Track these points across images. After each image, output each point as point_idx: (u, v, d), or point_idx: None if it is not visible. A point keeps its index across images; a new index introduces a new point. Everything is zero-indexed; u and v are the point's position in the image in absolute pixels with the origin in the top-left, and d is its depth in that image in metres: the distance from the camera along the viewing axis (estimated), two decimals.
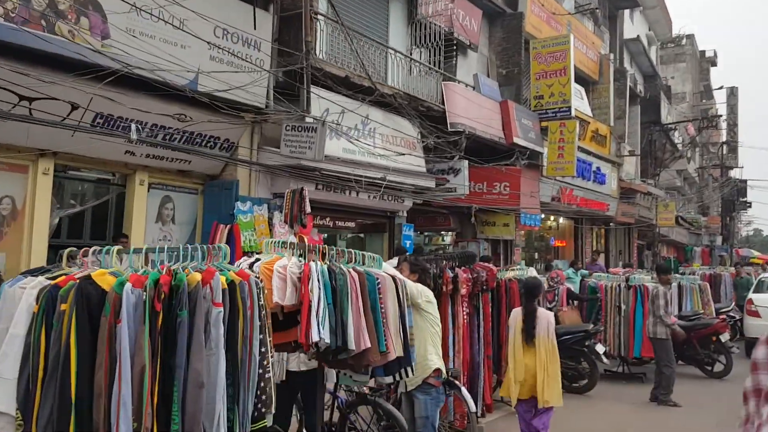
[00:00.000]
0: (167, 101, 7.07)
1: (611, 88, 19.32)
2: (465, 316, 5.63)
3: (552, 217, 19.11)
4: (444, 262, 5.89)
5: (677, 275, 12.93)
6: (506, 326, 6.37)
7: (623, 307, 9.31)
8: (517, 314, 5.42)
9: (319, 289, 3.28)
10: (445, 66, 12.63)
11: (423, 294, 4.36)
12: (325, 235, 13.99)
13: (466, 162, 11.57)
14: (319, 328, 3.18)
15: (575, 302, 10.14)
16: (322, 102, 8.70)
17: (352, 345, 3.28)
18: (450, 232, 15.18)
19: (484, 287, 5.79)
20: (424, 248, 16.41)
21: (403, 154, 10.06)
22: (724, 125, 45.95)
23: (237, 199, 8.21)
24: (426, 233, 16.44)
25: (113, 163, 7.49)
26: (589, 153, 17.12)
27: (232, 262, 7.51)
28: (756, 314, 11.29)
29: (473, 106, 12.03)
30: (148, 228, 7.90)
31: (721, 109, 51.02)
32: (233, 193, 8.26)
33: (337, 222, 10.38)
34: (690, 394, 8.64)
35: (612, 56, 19.75)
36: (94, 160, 7.30)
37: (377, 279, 3.72)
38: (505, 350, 6.48)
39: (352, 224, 10.78)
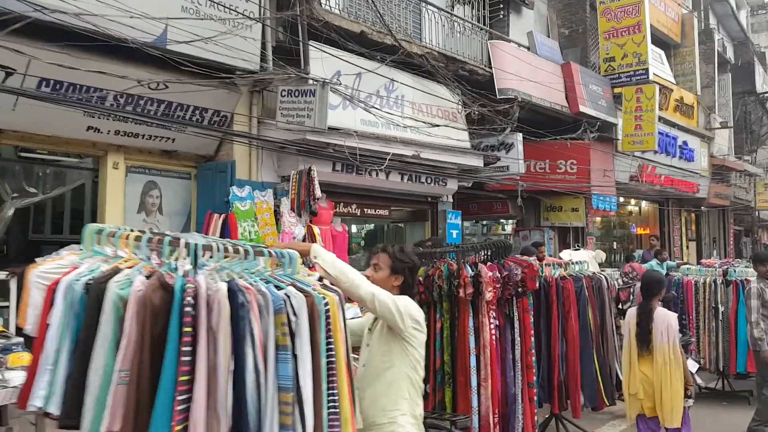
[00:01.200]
0: (133, 64, 5.78)
1: (696, 51, 16.77)
2: (493, 330, 3.96)
3: (633, 201, 16.83)
4: (464, 255, 4.25)
5: None
6: (557, 343, 4.70)
7: (721, 308, 7.28)
8: (631, 315, 4.79)
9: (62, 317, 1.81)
10: (495, 27, 10.85)
11: (410, 314, 2.58)
12: (355, 226, 12.60)
13: (520, 135, 9.76)
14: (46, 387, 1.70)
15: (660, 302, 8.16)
16: (331, 63, 7.19)
17: None
18: (510, 220, 13.35)
19: (520, 289, 4.11)
20: (482, 239, 14.67)
21: (437, 126, 8.39)
22: None
23: (233, 184, 6.84)
24: (484, 222, 14.67)
25: (77, 143, 6.27)
26: (673, 125, 14.77)
27: None
28: None
29: (528, 69, 10.19)
30: (128, 220, 6.65)
31: None
32: (228, 176, 6.89)
33: (365, 210, 8.84)
34: None
35: (696, 15, 17.16)
36: (51, 139, 6.09)
37: (325, 302, 2.13)
38: (557, 372, 4.77)
39: (384, 212, 9.21)
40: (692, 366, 5.94)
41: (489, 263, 4.17)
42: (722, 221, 21.22)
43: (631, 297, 7.28)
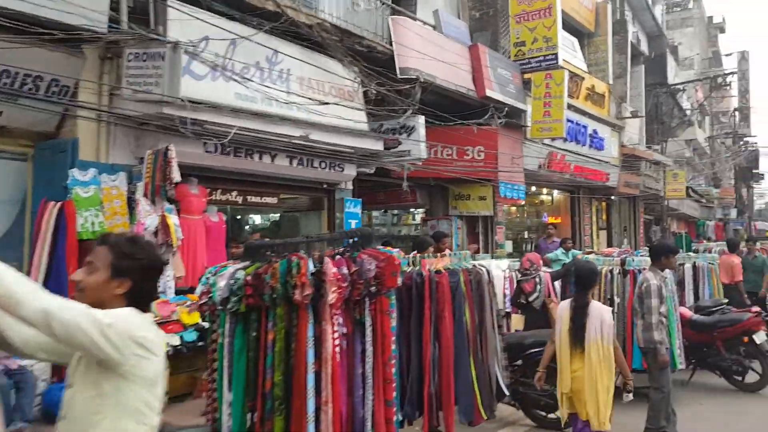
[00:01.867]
0: None
1: (609, 40, 16.74)
2: (337, 340, 3.25)
3: (545, 190, 16.69)
4: (311, 247, 3.51)
5: (690, 254, 10.49)
6: (429, 348, 4.08)
7: (617, 300, 6.90)
8: (564, 309, 4.60)
9: None
10: (403, 4, 10.18)
11: (130, 336, 1.76)
12: (260, 217, 11.67)
13: (422, 118, 9.14)
14: None
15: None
16: (198, 27, 6.27)
17: None
18: (420, 209, 12.81)
19: (374, 289, 3.41)
20: (392, 230, 14.09)
21: (328, 104, 7.63)
22: (735, 90, 43.16)
23: (74, 166, 5.84)
24: (394, 212, 14.08)
25: None
26: (583, 113, 14.62)
27: (55, 254, 5.14)
28: None
29: (433, 48, 9.57)
30: None
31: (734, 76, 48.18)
32: (68, 157, 5.89)
33: (249, 197, 7.98)
34: (714, 413, 6.32)
35: (610, 4, 17.13)
36: None
37: None
38: (428, 383, 4.15)
39: (272, 200, 8.38)
40: None
41: (338, 257, 3.45)
42: (633, 210, 21.57)
43: (538, 287, 6.78)
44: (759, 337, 6.86)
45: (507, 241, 14.25)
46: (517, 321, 7.05)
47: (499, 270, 7.72)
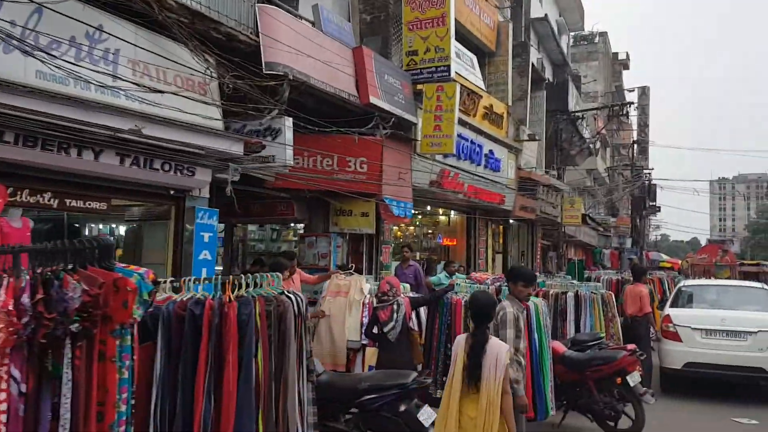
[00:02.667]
0: None
1: (509, 61, 16.51)
2: (3, 399, 2.16)
3: (441, 210, 16.09)
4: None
5: (575, 282, 10.04)
6: (200, 406, 3.04)
7: None
8: (459, 344, 4.28)
9: None
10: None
11: None
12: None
13: (289, 120, 8.14)
14: None
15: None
16: None
17: None
18: (297, 224, 11.78)
19: (78, 326, 2.35)
20: (271, 246, 12.96)
21: (160, 92, 6.49)
22: (635, 121, 45.23)
23: None
24: (275, 227, 12.96)
25: None
26: (480, 132, 14.15)
27: None
28: (675, 337, 8.47)
29: (309, 46, 8.63)
30: None
31: (633, 109, 50.60)
32: None
33: (67, 201, 6.64)
34: None
35: (512, 25, 16.94)
36: None
37: None
38: None
39: (99, 205, 7.04)
40: (428, 417, 4.57)
41: (27, 279, 2.34)
42: (531, 235, 21.50)
43: (395, 316, 5.87)
44: (633, 379, 6.27)
45: (395, 263, 13.45)
46: (372, 355, 6.12)
47: (362, 294, 6.81)
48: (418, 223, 16.85)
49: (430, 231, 16.27)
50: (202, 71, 7.23)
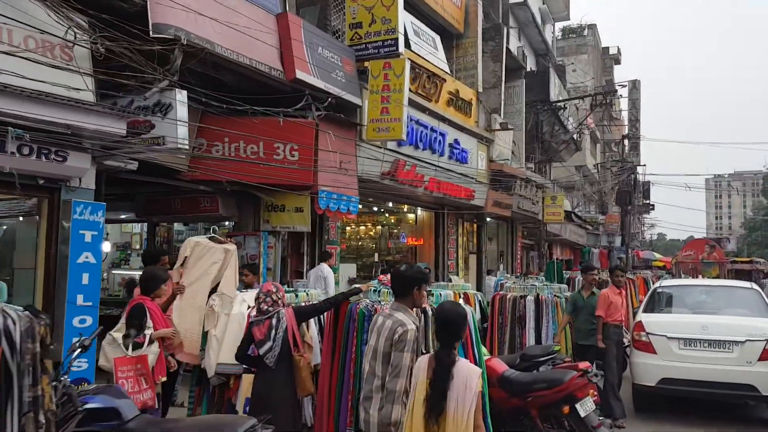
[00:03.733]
0: None
1: (479, 43, 15.20)
2: None
3: (406, 207, 14.78)
4: None
5: (536, 284, 8.72)
6: None
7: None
8: (421, 368, 3.40)
9: None
10: None
11: None
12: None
13: (183, 94, 6.80)
14: None
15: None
16: None
17: None
18: (224, 222, 10.45)
19: None
20: None
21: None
22: (626, 117, 43.93)
23: None
24: (207, 226, 11.57)
25: None
26: (443, 119, 12.82)
27: None
28: (649, 348, 7.11)
29: (216, 8, 7.31)
30: None
31: (623, 104, 49.34)
32: None
33: None
34: None
35: (481, 4, 15.63)
36: None
37: None
38: None
39: None
40: None
41: None
42: (510, 234, 20.20)
43: (272, 334, 4.53)
44: (584, 407, 4.95)
45: (349, 266, 12.14)
46: (250, 384, 4.77)
47: (245, 305, 5.48)
48: (384, 222, 15.57)
49: (394, 230, 14.94)
50: (61, 33, 5.90)
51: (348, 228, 15.03)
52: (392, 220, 15.24)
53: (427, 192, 12.38)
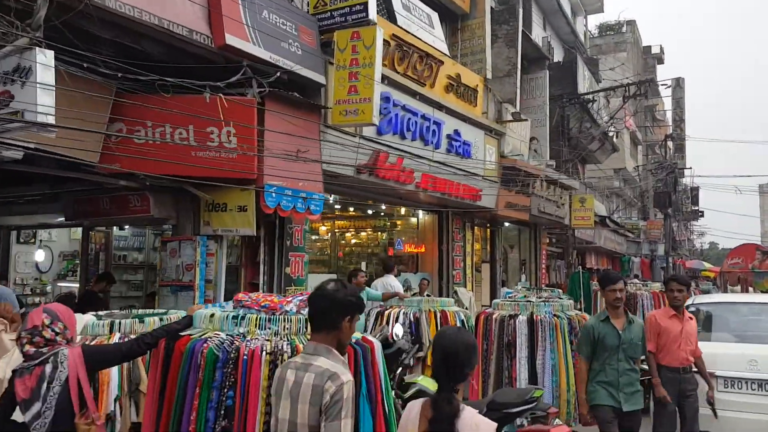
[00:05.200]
0: None
1: (487, 24, 13.40)
2: None
3: (403, 210, 13.07)
4: None
5: (533, 299, 6.84)
6: None
7: None
8: (411, 419, 2.57)
9: None
10: None
11: None
12: None
13: (48, 54, 5.23)
14: None
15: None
16: None
17: None
18: (158, 225, 8.92)
19: None
20: (152, 257, 10.16)
21: None
22: (669, 116, 41.19)
23: None
24: (155, 230, 10.13)
25: None
26: (440, 107, 11.07)
27: None
28: None
29: None
30: None
31: (668, 104, 46.41)
32: None
33: None
34: None
35: None
36: None
37: None
38: None
39: None
40: None
41: None
42: (534, 240, 18.18)
43: (43, 391, 2.89)
44: None
45: (320, 276, 10.45)
46: None
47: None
48: (380, 226, 13.86)
49: (391, 237, 13.22)
50: None
51: (335, 232, 13.39)
52: (390, 224, 13.52)
53: (421, 190, 10.62)
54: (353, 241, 13.90)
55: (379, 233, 13.88)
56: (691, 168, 39.83)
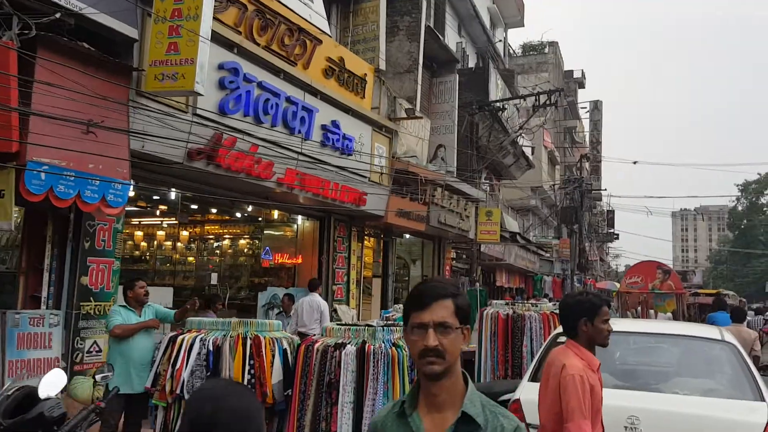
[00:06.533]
0: None
1: (382, 7, 11.91)
2: None
3: (277, 214, 11.32)
4: None
5: (373, 324, 5.19)
6: None
7: None
8: None
9: None
10: None
11: None
12: None
13: None
14: None
15: None
16: None
17: None
18: None
19: None
20: None
21: None
22: (586, 135, 41.38)
23: None
24: None
25: None
26: (314, 92, 9.40)
27: None
28: None
29: None
30: None
31: (587, 126, 46.87)
32: None
33: None
34: None
35: None
36: None
37: None
38: None
39: None
40: None
41: None
42: (438, 255, 16.76)
43: None
44: None
45: (160, 289, 8.50)
46: None
47: None
48: (248, 233, 12.01)
49: (256, 243, 11.40)
50: None
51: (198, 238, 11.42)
52: (262, 231, 11.70)
53: (284, 188, 8.87)
54: (218, 249, 11.97)
55: (256, 241, 12.02)
56: (605, 189, 40.05)
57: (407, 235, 15.07)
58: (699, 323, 10.49)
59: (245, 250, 11.90)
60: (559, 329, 5.15)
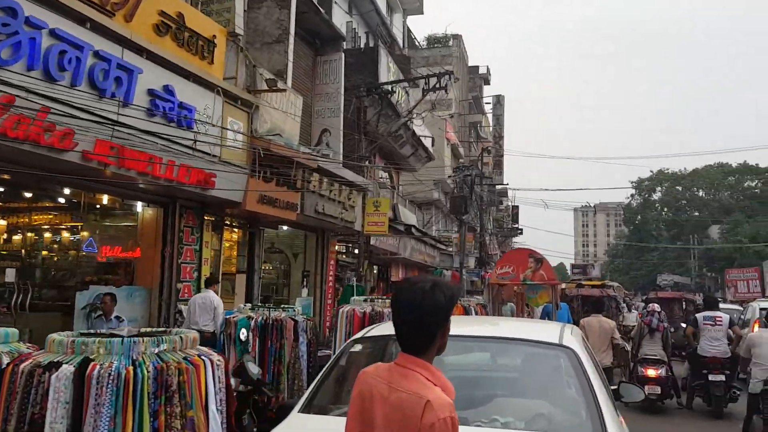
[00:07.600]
0: None
1: None
2: None
3: (106, 198, 9.58)
4: None
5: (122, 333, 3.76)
6: None
7: None
8: None
9: None
10: None
11: None
12: None
13: None
14: None
15: None
16: None
17: None
18: None
19: None
20: None
21: None
22: (489, 131, 41.45)
23: None
24: None
25: None
26: (139, 49, 7.79)
27: None
28: None
29: None
30: None
31: (490, 121, 47.04)
32: None
33: None
34: None
35: None
36: None
37: None
38: None
39: None
40: None
41: None
42: (322, 248, 15.43)
43: None
44: None
45: None
46: None
47: None
48: (89, 224, 10.21)
49: (74, 232, 9.63)
50: None
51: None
52: (95, 220, 9.93)
53: (94, 164, 7.22)
54: (38, 241, 10.07)
55: (86, 233, 10.20)
56: (507, 184, 40.19)
57: (284, 227, 13.66)
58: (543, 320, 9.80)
59: (67, 243, 10.05)
60: (366, 331, 3.91)
